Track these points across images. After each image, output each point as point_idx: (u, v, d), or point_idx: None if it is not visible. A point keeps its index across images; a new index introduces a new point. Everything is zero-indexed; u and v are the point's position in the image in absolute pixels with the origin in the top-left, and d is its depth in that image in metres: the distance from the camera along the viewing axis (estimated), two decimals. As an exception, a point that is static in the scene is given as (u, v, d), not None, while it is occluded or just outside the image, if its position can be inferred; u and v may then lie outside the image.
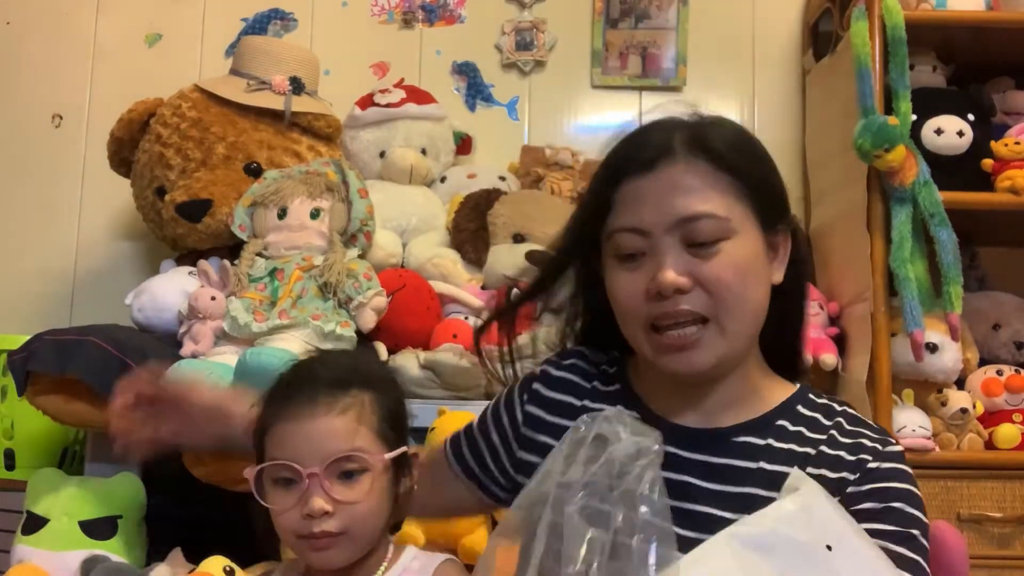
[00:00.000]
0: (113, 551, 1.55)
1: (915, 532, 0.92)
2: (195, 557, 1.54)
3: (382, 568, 1.10)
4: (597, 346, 1.10)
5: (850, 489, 0.92)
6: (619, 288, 0.96)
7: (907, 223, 1.80)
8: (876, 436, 0.97)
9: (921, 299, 1.77)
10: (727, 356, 0.95)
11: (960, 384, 1.93)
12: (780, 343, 1.05)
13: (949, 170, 1.87)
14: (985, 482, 1.78)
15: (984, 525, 1.77)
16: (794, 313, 1.06)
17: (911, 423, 1.78)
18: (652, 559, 0.81)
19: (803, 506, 0.84)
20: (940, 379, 1.87)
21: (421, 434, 1.63)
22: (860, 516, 0.90)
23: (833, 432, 0.97)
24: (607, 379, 1.06)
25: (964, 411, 1.81)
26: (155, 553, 1.61)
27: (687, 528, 0.90)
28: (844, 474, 0.93)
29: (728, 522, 0.89)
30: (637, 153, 0.98)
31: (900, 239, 1.79)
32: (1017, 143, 1.90)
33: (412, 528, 1.58)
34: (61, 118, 2.42)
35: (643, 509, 0.82)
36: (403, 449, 1.09)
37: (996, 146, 1.92)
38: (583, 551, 0.81)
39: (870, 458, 0.94)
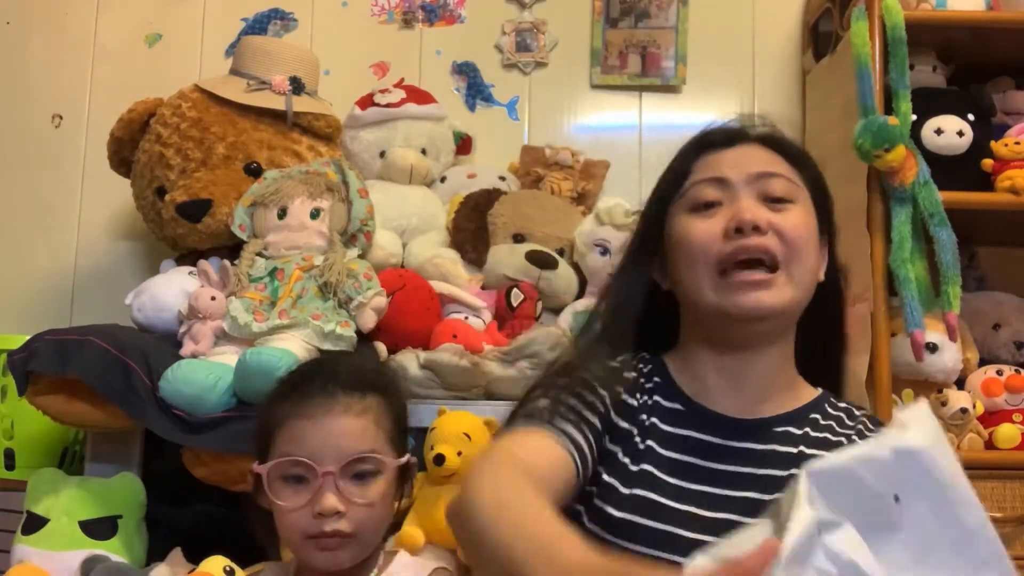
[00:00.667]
0: (113, 551, 1.55)
1: None
2: (195, 557, 1.54)
3: (373, 573, 1.10)
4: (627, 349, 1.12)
5: None
6: (694, 231, 1.01)
7: (907, 223, 1.80)
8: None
9: (921, 299, 1.77)
10: (791, 305, 1.00)
11: (960, 384, 1.93)
12: (812, 349, 1.10)
13: (949, 170, 1.87)
14: (985, 482, 1.78)
15: (984, 525, 1.76)
16: (828, 323, 1.12)
17: (911, 423, 1.78)
18: None
19: (895, 450, 0.76)
20: (940, 379, 1.87)
21: (421, 434, 1.63)
22: None
23: (860, 427, 1.04)
24: (647, 374, 1.08)
25: (964, 411, 1.81)
26: (155, 553, 1.60)
27: (734, 513, 0.96)
28: None
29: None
30: (716, 135, 1.08)
31: (900, 239, 1.79)
32: (1017, 143, 1.90)
33: (412, 528, 1.58)
34: (61, 118, 2.42)
35: None
36: (406, 459, 1.10)
37: (996, 146, 1.92)
38: None
39: None
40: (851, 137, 1.81)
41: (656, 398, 1.05)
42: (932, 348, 1.84)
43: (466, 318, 1.89)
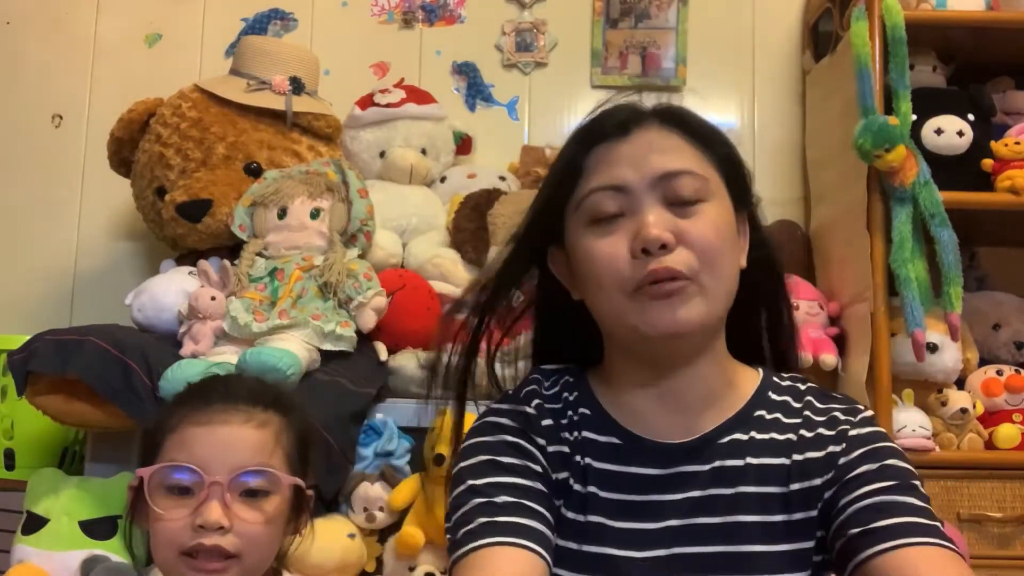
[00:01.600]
0: (113, 551, 1.55)
1: (916, 482, 0.91)
2: (195, 557, 1.54)
3: None
4: (546, 360, 1.04)
5: (841, 460, 0.92)
6: (598, 252, 0.90)
7: (907, 223, 1.80)
8: (846, 406, 0.97)
9: (921, 299, 1.77)
10: (708, 319, 0.90)
11: (960, 384, 1.93)
12: (748, 331, 1.02)
13: (949, 170, 1.87)
14: (985, 482, 1.78)
15: (984, 525, 1.76)
16: (769, 300, 1.03)
17: (911, 423, 1.78)
18: None
19: None
20: (940, 379, 1.87)
21: (421, 434, 1.63)
22: (860, 481, 0.90)
23: (807, 413, 0.96)
24: (573, 403, 0.98)
25: (964, 411, 1.81)
26: (155, 553, 1.60)
27: (716, 543, 0.90)
28: (831, 448, 0.92)
29: (738, 529, 0.90)
30: (609, 119, 0.94)
31: (900, 239, 1.79)
32: (1017, 143, 1.90)
33: (412, 528, 1.58)
34: (61, 118, 2.42)
35: None
36: (307, 481, 1.02)
37: (996, 146, 1.92)
38: None
39: (848, 426, 0.94)
40: (851, 137, 1.81)
41: (586, 433, 0.95)
42: (932, 348, 1.84)
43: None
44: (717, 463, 0.93)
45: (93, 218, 2.37)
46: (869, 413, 0.97)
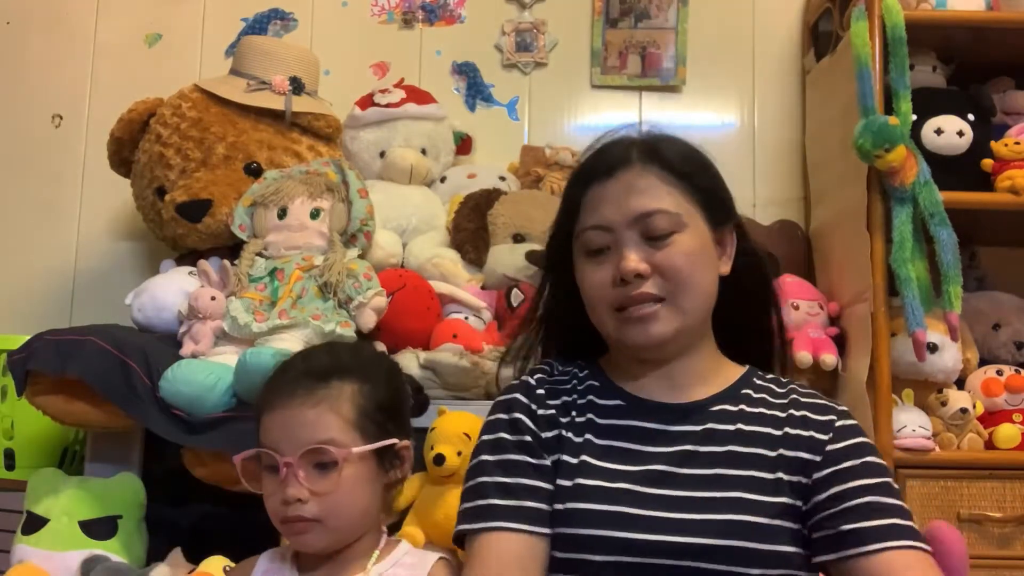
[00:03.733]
0: (113, 551, 1.55)
1: (889, 480, 1.05)
2: (195, 557, 1.54)
3: (373, 557, 1.12)
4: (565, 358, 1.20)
5: (829, 448, 1.05)
6: (588, 279, 1.11)
7: (908, 223, 1.80)
8: (825, 402, 1.11)
9: (922, 299, 1.77)
10: (682, 331, 1.08)
11: (960, 384, 1.93)
12: (735, 332, 1.17)
13: (949, 170, 1.87)
14: (985, 482, 1.78)
15: (984, 525, 1.76)
16: (755, 302, 1.18)
17: (911, 423, 1.78)
18: None
19: None
20: (940, 379, 1.87)
21: (421, 434, 1.63)
22: (845, 474, 1.03)
23: (794, 396, 1.11)
24: (580, 377, 1.16)
25: (964, 411, 1.81)
26: (155, 553, 1.61)
27: (678, 488, 1.03)
28: (819, 434, 1.07)
29: (724, 479, 1.03)
30: (600, 162, 1.13)
31: (901, 239, 1.79)
32: (1017, 143, 1.90)
33: (412, 528, 1.58)
34: (61, 118, 2.42)
35: None
36: (382, 443, 1.10)
37: (996, 146, 1.92)
38: None
39: (835, 417, 1.09)
40: (851, 137, 1.81)
41: (591, 397, 1.13)
42: (932, 348, 1.84)
43: (466, 318, 1.89)
44: (709, 425, 1.08)
45: (93, 218, 2.37)
46: (845, 408, 1.12)
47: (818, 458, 1.05)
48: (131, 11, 2.45)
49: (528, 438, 1.09)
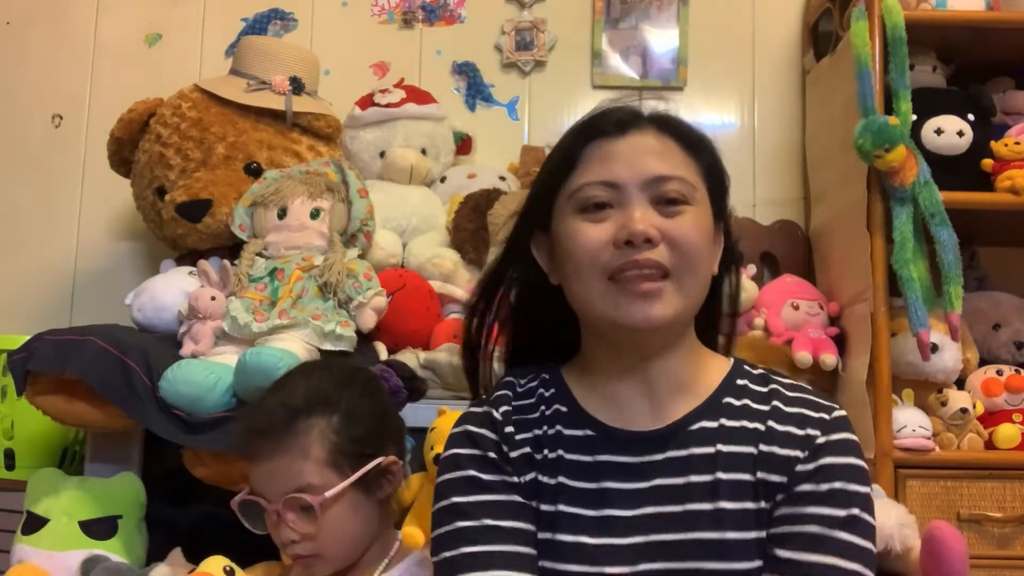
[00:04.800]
0: (113, 551, 1.55)
1: (856, 511, 0.93)
2: (195, 557, 1.53)
3: (382, 566, 1.12)
4: (522, 362, 1.09)
5: (799, 467, 0.95)
6: (582, 236, 0.96)
7: (908, 223, 1.80)
8: (819, 403, 1.00)
9: (923, 299, 1.77)
10: (680, 315, 0.96)
11: (960, 384, 1.92)
12: (709, 324, 1.08)
13: (949, 170, 1.87)
14: (985, 482, 1.78)
15: (984, 525, 1.76)
16: (720, 296, 1.08)
17: (911, 423, 1.78)
18: None
19: None
20: (940, 379, 1.87)
21: (421, 434, 1.63)
22: (803, 498, 0.94)
23: (776, 403, 0.99)
24: (547, 400, 1.03)
25: (964, 411, 1.81)
26: (155, 553, 1.60)
27: (679, 531, 0.94)
28: (795, 452, 0.96)
29: (707, 515, 0.94)
30: (608, 118, 1.00)
31: (902, 239, 1.78)
32: (1017, 143, 1.90)
33: (412, 528, 1.57)
34: (61, 118, 2.42)
35: None
36: (360, 473, 1.11)
37: (996, 146, 1.92)
38: None
39: (818, 433, 0.97)
40: (851, 137, 1.81)
41: (559, 427, 1.00)
42: (933, 348, 1.84)
43: (466, 318, 1.89)
44: (691, 450, 0.97)
45: (93, 218, 2.38)
46: (842, 414, 0.99)
47: (784, 479, 0.95)
48: (131, 11, 2.45)
49: (513, 479, 0.99)
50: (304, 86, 2.03)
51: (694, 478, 0.96)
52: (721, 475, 0.96)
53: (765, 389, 1.01)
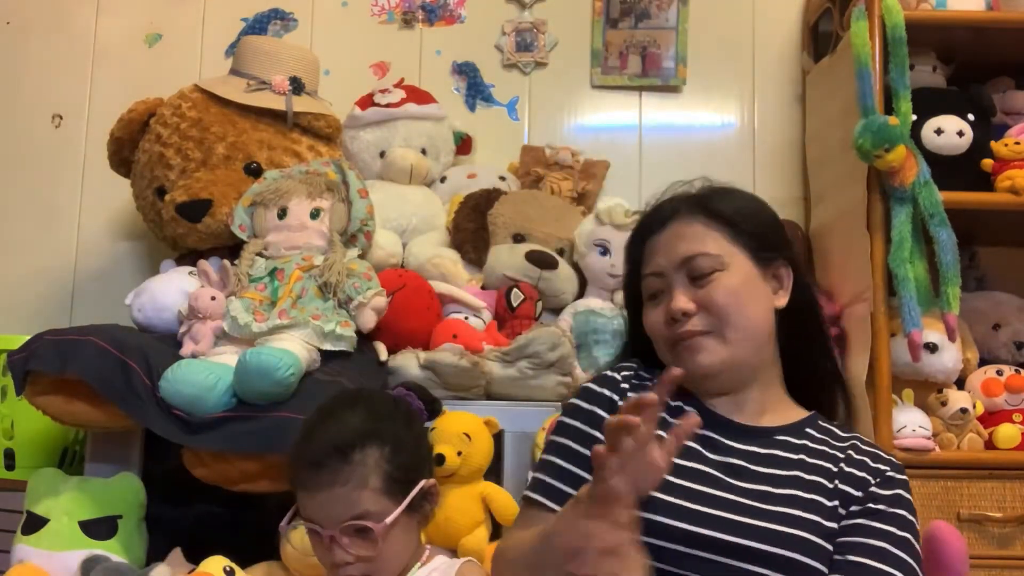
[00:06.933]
0: (113, 551, 1.55)
1: (909, 536, 1.11)
2: (195, 557, 1.54)
3: (416, 567, 1.22)
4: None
5: (872, 489, 1.12)
6: (649, 320, 1.21)
7: (907, 223, 1.80)
8: (886, 455, 1.18)
9: (920, 299, 1.77)
10: (731, 361, 1.16)
11: (960, 384, 1.93)
12: (802, 370, 1.24)
13: (949, 170, 1.87)
14: (985, 482, 1.78)
15: (984, 525, 1.77)
16: (813, 338, 1.25)
17: (911, 423, 1.78)
18: None
19: None
20: (940, 379, 1.87)
21: (421, 434, 1.63)
22: (874, 515, 1.10)
23: (854, 442, 1.18)
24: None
25: (964, 411, 1.81)
26: (155, 553, 1.60)
27: (763, 501, 1.09)
28: (869, 476, 1.13)
29: (779, 497, 1.09)
30: (654, 218, 1.24)
31: (900, 239, 1.79)
32: (1017, 143, 1.90)
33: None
34: (61, 118, 2.42)
35: None
36: (411, 496, 1.19)
37: (996, 146, 1.92)
38: None
39: (888, 468, 1.15)
40: (851, 137, 1.81)
41: (668, 401, 1.14)
42: (932, 348, 1.84)
43: (466, 318, 1.89)
44: (775, 451, 1.15)
45: (93, 218, 2.37)
46: (901, 466, 1.17)
47: (860, 494, 1.11)
48: (131, 11, 2.45)
49: (592, 431, 1.16)
50: (304, 86, 2.03)
51: (775, 471, 1.12)
52: (801, 474, 1.12)
53: (845, 435, 1.20)
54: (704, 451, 1.14)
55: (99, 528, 1.56)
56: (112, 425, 1.61)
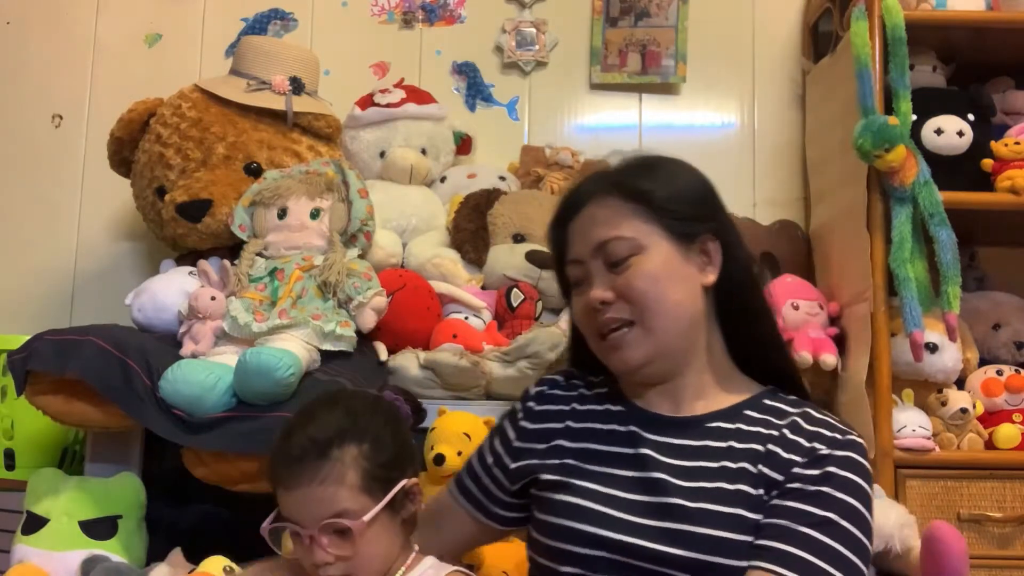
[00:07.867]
0: (113, 551, 1.55)
1: (833, 516, 1.01)
2: (195, 557, 1.54)
3: (400, 572, 1.19)
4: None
5: (795, 470, 1.04)
6: (574, 311, 1.18)
7: (907, 223, 1.80)
8: (838, 427, 1.09)
9: (921, 299, 1.77)
10: (658, 351, 1.11)
11: (960, 384, 1.93)
12: (746, 343, 1.17)
13: (949, 170, 1.87)
14: (985, 482, 1.78)
15: (984, 525, 1.77)
16: (751, 309, 1.17)
17: (911, 423, 1.78)
18: None
19: None
20: (940, 379, 1.87)
21: (421, 434, 1.63)
22: (789, 494, 1.02)
23: (797, 419, 1.09)
24: (592, 385, 1.23)
25: (964, 411, 1.81)
26: (155, 553, 1.60)
27: (665, 496, 1.05)
28: (796, 457, 1.05)
29: (704, 493, 1.04)
30: (571, 199, 1.19)
31: (900, 239, 1.79)
32: (1017, 143, 1.90)
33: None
34: (61, 118, 2.42)
35: None
36: (391, 495, 1.16)
37: (996, 146, 1.92)
38: None
39: (823, 447, 1.05)
40: (851, 137, 1.81)
41: (591, 406, 1.19)
42: (932, 348, 1.84)
43: (466, 318, 1.89)
44: (705, 442, 1.09)
45: (93, 218, 2.38)
46: (856, 439, 1.08)
47: (781, 477, 1.04)
48: (131, 11, 2.45)
49: (501, 447, 1.23)
50: (304, 86, 2.03)
51: (705, 463, 1.07)
52: (727, 463, 1.06)
53: (793, 410, 1.11)
54: (625, 451, 1.12)
55: (99, 528, 1.56)
56: (112, 425, 1.61)
